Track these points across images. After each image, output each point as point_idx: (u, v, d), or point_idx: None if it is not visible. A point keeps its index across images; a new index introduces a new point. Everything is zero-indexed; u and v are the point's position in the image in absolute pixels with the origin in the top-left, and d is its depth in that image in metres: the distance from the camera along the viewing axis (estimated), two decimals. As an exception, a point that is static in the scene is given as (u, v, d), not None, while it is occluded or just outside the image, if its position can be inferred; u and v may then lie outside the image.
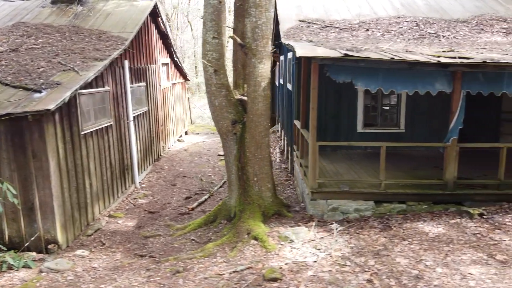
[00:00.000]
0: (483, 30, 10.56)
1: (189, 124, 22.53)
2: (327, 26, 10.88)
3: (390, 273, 5.28)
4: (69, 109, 7.80)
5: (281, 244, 6.31)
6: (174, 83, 17.61)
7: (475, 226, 6.38)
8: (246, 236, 6.56)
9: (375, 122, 10.62)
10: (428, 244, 5.96)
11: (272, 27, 6.68)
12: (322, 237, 6.44)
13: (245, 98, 6.91)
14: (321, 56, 6.28)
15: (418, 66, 6.41)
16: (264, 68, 6.60)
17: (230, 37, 6.59)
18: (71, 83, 7.80)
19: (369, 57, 6.16)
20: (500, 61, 6.30)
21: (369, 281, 5.15)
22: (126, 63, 10.88)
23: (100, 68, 8.70)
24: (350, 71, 6.79)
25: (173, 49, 16.35)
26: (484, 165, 8.40)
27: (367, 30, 10.60)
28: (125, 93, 10.91)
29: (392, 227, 6.64)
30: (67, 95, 7.29)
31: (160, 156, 14.61)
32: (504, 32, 10.39)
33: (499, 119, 10.34)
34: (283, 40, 9.77)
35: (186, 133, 21.03)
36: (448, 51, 7.79)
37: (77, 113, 8.09)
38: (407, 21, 11.19)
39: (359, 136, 10.50)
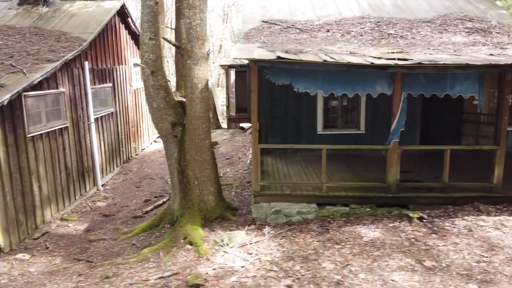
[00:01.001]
0: (445, 30, 10.47)
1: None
2: (289, 27, 10.79)
3: (312, 279, 5.18)
4: (12, 111, 7.69)
5: (215, 249, 6.21)
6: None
7: (412, 230, 6.28)
8: (182, 241, 6.46)
9: (335, 123, 10.54)
10: (360, 249, 5.86)
11: (206, 28, 6.57)
12: (257, 241, 6.34)
13: (185, 100, 6.82)
14: (254, 58, 6.18)
15: (354, 68, 6.31)
16: (200, 70, 6.50)
17: (163, 38, 6.48)
18: (15, 85, 7.70)
19: (301, 60, 6.06)
20: (438, 62, 6.20)
21: (289, 286, 5.06)
22: (87, 64, 10.77)
23: (49, 70, 8.60)
24: (289, 74, 6.70)
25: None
26: (459, 167, 8.34)
27: (328, 31, 10.51)
28: (86, 94, 10.80)
29: (330, 230, 6.55)
30: (6, 97, 7.18)
31: (130, 158, 14.51)
32: (467, 32, 10.30)
33: (461, 120, 10.24)
34: (240, 42, 9.68)
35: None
36: (396, 53, 7.70)
37: (23, 116, 7.98)
38: (370, 22, 11.10)
39: (320, 138, 10.41)
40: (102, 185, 11.53)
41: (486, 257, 5.41)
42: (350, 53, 7.17)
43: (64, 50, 9.91)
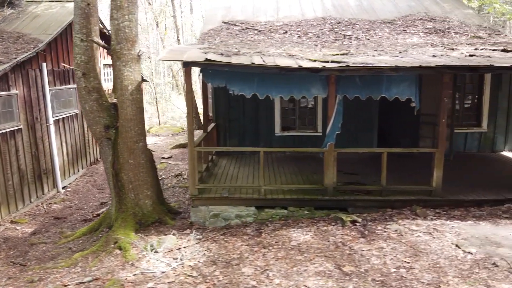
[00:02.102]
0: (404, 31, 10.40)
1: (152, 125, 22.30)
2: (248, 28, 10.72)
3: (227, 284, 5.12)
4: (-48, 114, 7.62)
5: (142, 254, 6.14)
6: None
7: (341, 234, 6.22)
8: (112, 245, 6.39)
9: (293, 125, 10.47)
10: (285, 253, 5.80)
11: (137, 30, 6.50)
12: (186, 246, 6.27)
13: (118, 102, 6.75)
14: (183, 60, 6.11)
15: (283, 71, 6.23)
16: (130, 72, 6.43)
17: (90, 39, 6.41)
18: (-45, 88, 7.63)
19: (229, 62, 5.98)
20: (367, 65, 6.13)
21: (203, 293, 4.99)
22: (45, 65, 10.69)
23: (-3, 72, 8.52)
24: (225, 76, 6.63)
25: (119, 50, 16.13)
26: (403, 170, 8.28)
27: (286, 32, 10.44)
28: (44, 96, 10.73)
29: (263, 234, 6.48)
30: None
31: (99, 159, 14.42)
32: (426, 33, 10.23)
33: (418, 122, 10.16)
34: (195, 43, 9.60)
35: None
36: (340, 55, 7.62)
37: (-35, 118, 7.91)
38: (330, 23, 11.03)
39: (278, 140, 10.36)
40: (63, 187, 11.45)
41: (408, 263, 5.34)
42: (290, 55, 7.10)
43: (18, 52, 9.84)
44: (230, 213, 7.04)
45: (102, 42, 6.54)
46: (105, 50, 15.50)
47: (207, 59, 5.98)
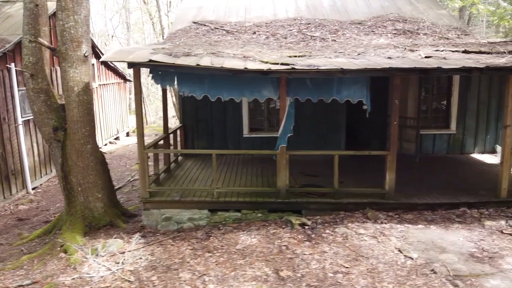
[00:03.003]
0: (373, 32, 10.34)
1: (132, 126, 22.16)
2: (217, 28, 10.66)
3: (161, 290, 5.06)
4: None
5: (86, 258, 6.08)
6: (105, 84, 17.38)
7: (288, 238, 6.15)
8: (58, 249, 6.34)
9: (261, 126, 10.41)
10: (227, 257, 5.74)
11: (84, 30, 6.43)
12: (131, 250, 6.21)
13: (67, 104, 6.68)
14: (128, 61, 6.04)
15: (228, 73, 6.16)
16: (76, 73, 6.37)
17: (36, 41, 6.34)
18: None
19: (174, 63, 5.92)
20: (314, 67, 6.06)
21: (135, 298, 4.94)
22: (13, 65, 10.63)
23: (-45, 73, 8.45)
24: (174, 77, 6.57)
25: (98, 49, 16.10)
26: (369, 171, 8.27)
27: (254, 33, 10.37)
28: (12, 96, 10.66)
29: (212, 237, 6.42)
30: None
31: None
32: (394, 34, 10.17)
33: (386, 123, 10.09)
34: (159, 43, 9.54)
35: (127, 134, 20.81)
36: (298, 56, 7.55)
37: None
38: (300, 24, 10.96)
39: (246, 141, 10.30)
40: (33, 188, 11.40)
41: (347, 267, 5.28)
42: (244, 57, 7.03)
43: (-17, 52, 9.78)
44: (182, 216, 6.98)
45: (46, 43, 6.47)
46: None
47: (151, 60, 5.92)
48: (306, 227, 6.45)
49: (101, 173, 6.97)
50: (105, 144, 17.38)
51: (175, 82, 6.55)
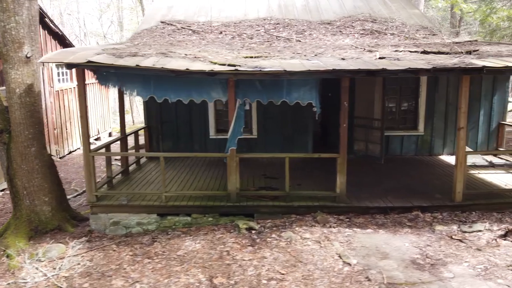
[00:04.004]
0: (340, 32, 10.21)
1: (114, 126, 22.03)
2: (184, 28, 10.52)
3: (90, 297, 4.93)
4: None
5: (26, 263, 5.94)
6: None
7: (232, 242, 6.02)
8: (1, 253, 6.19)
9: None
10: (166, 263, 5.60)
11: (26, 32, 6.28)
12: (72, 255, 6.07)
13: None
14: (67, 62, 5.90)
15: (172, 74, 6.02)
16: (18, 74, 6.23)
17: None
18: None
19: (112, 64, 5.78)
20: (260, 69, 5.92)
21: (61, 306, 4.81)
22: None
23: None
24: (120, 78, 6.44)
25: (75, 50, 15.92)
26: (331, 173, 8.11)
27: (221, 33, 10.24)
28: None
29: (156, 243, 6.28)
30: None
31: (49, 161, 14.19)
32: (361, 34, 10.05)
33: (352, 125, 9.97)
34: (124, 43, 9.39)
35: (110, 134, 20.65)
36: (254, 57, 7.41)
37: None
38: (270, 24, 10.84)
39: (212, 142, 10.17)
40: (1, 190, 11.25)
41: (282, 274, 5.14)
42: (195, 57, 6.88)
43: None
44: (130, 220, 6.84)
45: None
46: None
47: (89, 61, 5.78)
48: (253, 231, 6.33)
49: (48, 176, 6.83)
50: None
51: (120, 83, 6.41)
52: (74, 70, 6.87)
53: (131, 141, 13.95)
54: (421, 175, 8.42)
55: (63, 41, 15.38)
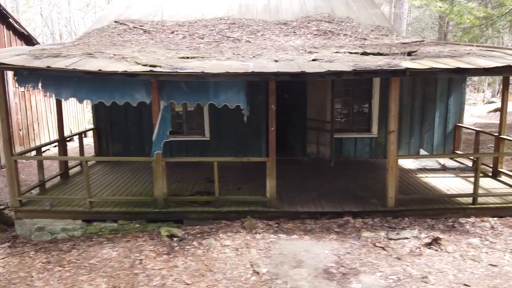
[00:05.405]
0: (294, 32, 10.03)
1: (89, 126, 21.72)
2: (136, 27, 10.33)
3: (-17, 309, 4.75)
4: None
5: None
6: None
7: (149, 251, 5.84)
8: None
9: (181, 129, 10.08)
10: (74, 272, 5.42)
11: None
12: (-15, 262, 5.90)
13: None
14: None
15: (89, 75, 5.84)
16: None
17: None
18: None
19: (23, 66, 5.61)
20: (176, 70, 5.74)
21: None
22: None
23: None
24: (41, 79, 6.25)
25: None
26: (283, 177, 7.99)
27: (173, 32, 10.05)
28: None
29: (73, 250, 6.10)
30: None
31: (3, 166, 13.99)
32: (315, 34, 9.86)
33: (305, 127, 9.80)
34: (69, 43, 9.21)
35: (85, 135, 20.41)
36: (190, 58, 7.23)
37: None
38: (225, 23, 10.65)
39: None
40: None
41: (188, 284, 4.96)
42: (123, 57, 6.70)
43: None
44: (55, 226, 6.66)
45: None
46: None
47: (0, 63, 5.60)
48: (175, 238, 6.14)
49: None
50: (55, 146, 17.02)
51: (40, 84, 6.23)
52: None
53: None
54: (366, 178, 8.24)
55: (30, 41, 15.17)
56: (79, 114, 19.89)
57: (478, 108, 24.19)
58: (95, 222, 6.69)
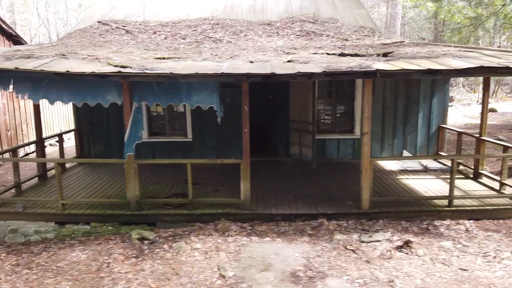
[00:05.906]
0: (277, 33, 9.97)
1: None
2: (118, 28, 10.28)
3: None
4: None
5: None
6: None
7: (118, 254, 5.79)
8: None
9: (163, 130, 10.03)
10: (41, 275, 5.37)
11: None
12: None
13: None
14: None
15: (57, 77, 5.79)
16: None
17: None
18: None
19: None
20: (144, 71, 5.69)
21: None
22: None
23: None
24: (10, 80, 6.20)
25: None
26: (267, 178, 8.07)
27: (155, 33, 10.00)
28: None
29: (44, 252, 6.05)
30: None
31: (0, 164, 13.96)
32: (298, 35, 9.81)
33: (288, 128, 9.75)
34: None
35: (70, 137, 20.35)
36: (166, 58, 7.20)
37: None
38: (209, 24, 10.60)
39: (147, 146, 9.89)
40: None
41: None
42: (95, 58, 6.66)
43: None
44: (28, 228, 6.61)
45: None
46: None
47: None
48: (146, 241, 6.09)
49: None
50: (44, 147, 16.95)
51: (11, 85, 6.19)
52: None
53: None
54: (346, 180, 8.19)
55: (17, 42, 15.11)
56: (70, 115, 19.81)
57: (472, 109, 24.09)
58: (68, 224, 6.64)
